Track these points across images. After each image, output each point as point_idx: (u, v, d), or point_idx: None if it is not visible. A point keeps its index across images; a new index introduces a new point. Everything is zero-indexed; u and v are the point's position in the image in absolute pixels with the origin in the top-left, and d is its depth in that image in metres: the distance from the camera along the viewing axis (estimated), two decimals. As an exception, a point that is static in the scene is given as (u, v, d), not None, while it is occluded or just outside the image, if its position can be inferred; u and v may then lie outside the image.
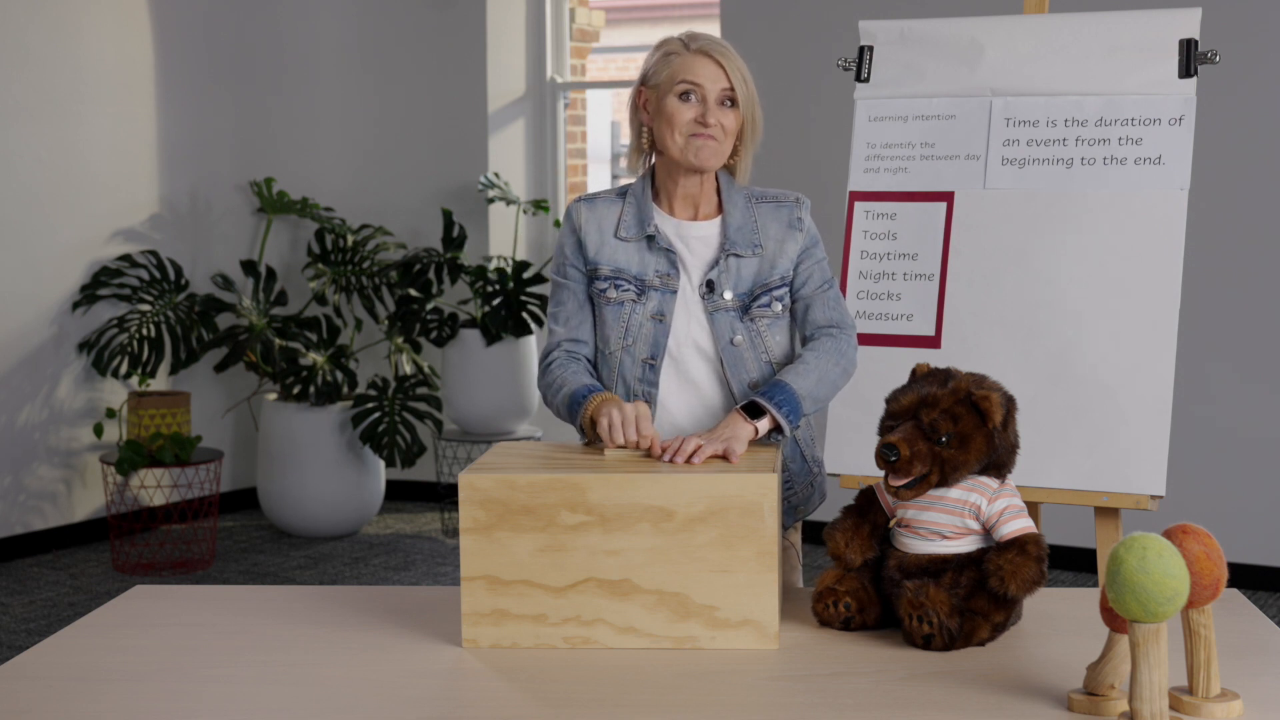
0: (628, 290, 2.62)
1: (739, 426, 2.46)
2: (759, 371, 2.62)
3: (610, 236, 2.64)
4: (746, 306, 2.62)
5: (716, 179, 2.67)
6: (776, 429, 2.53)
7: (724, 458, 2.37)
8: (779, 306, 2.64)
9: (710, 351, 2.63)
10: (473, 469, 2.26)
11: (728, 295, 2.61)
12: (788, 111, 5.78)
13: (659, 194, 2.67)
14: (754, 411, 2.50)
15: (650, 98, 2.62)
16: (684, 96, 2.57)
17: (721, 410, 2.63)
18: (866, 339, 3.45)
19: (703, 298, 2.62)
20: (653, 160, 2.69)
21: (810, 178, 5.53)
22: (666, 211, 2.66)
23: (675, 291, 2.62)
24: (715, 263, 2.62)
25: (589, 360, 2.68)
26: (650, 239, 2.63)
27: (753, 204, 2.66)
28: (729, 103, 2.59)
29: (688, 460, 2.34)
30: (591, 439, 2.56)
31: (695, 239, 2.65)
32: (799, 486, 2.72)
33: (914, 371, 2.29)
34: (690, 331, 2.62)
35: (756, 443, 2.49)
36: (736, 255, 2.62)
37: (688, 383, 2.63)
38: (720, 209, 2.66)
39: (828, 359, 2.62)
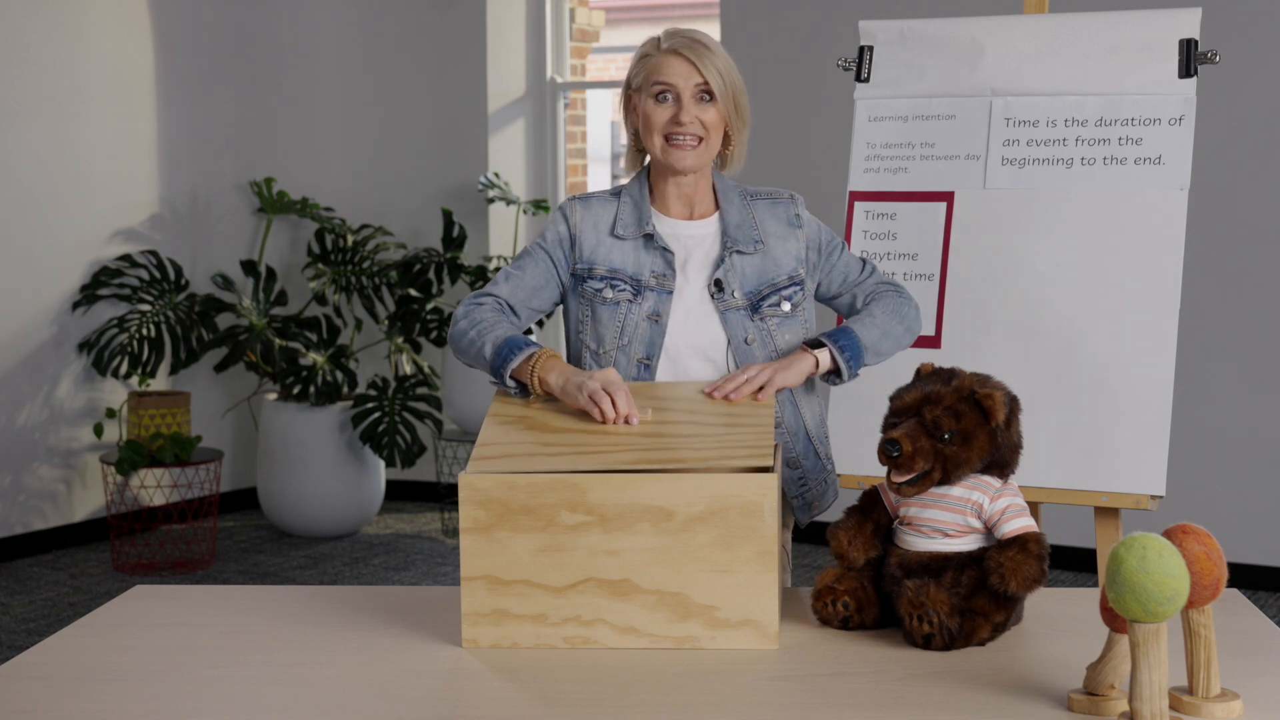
0: (624, 290, 2.60)
1: (799, 357, 2.52)
2: None
3: (606, 235, 2.63)
4: (756, 305, 2.61)
5: (711, 176, 2.67)
6: (834, 372, 2.56)
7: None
8: (788, 306, 2.63)
9: (713, 353, 2.61)
10: (472, 468, 2.26)
11: (737, 294, 2.60)
12: (788, 111, 5.78)
13: (654, 194, 2.66)
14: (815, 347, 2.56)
15: (635, 101, 2.62)
16: (659, 98, 2.57)
17: None
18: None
19: (712, 297, 2.60)
20: (647, 161, 2.68)
21: (810, 178, 5.53)
22: (662, 212, 2.65)
23: (671, 292, 2.60)
24: (720, 261, 2.61)
25: None
26: (648, 238, 2.61)
27: (748, 201, 2.66)
28: (706, 97, 2.57)
29: (755, 395, 2.43)
30: (535, 395, 2.49)
31: (692, 238, 2.64)
32: (813, 483, 2.71)
33: (918, 370, 2.29)
34: (689, 333, 2.60)
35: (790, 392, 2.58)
36: (740, 252, 2.61)
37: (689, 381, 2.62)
38: (716, 207, 2.66)
39: (891, 316, 2.65)
